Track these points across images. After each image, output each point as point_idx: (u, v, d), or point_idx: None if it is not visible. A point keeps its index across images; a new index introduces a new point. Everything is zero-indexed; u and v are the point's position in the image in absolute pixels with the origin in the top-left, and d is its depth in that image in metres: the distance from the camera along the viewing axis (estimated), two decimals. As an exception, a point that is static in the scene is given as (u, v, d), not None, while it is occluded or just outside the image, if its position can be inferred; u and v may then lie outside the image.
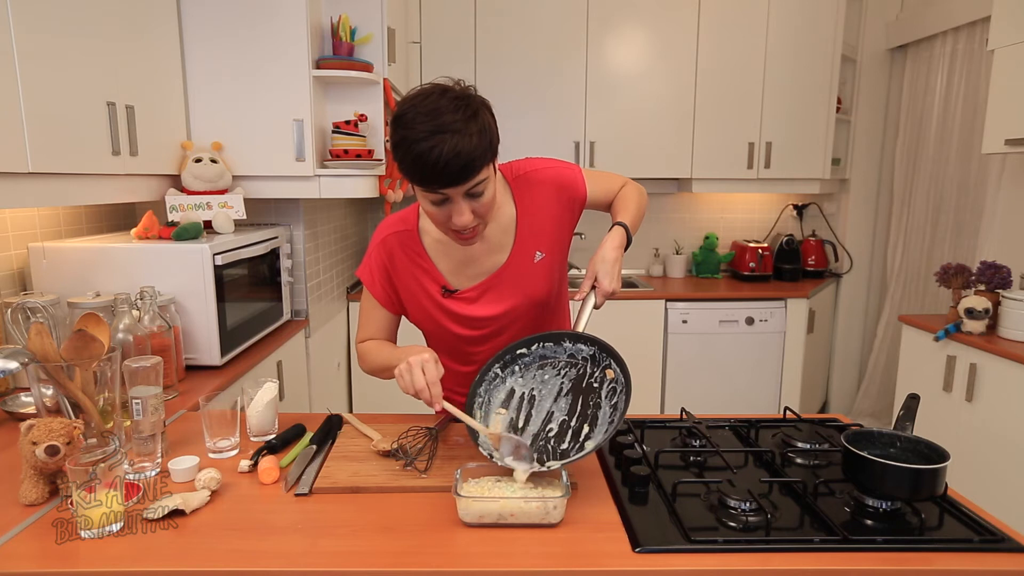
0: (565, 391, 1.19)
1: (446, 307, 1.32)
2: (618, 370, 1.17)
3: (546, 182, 1.32)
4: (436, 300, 1.32)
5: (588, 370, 1.21)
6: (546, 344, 1.23)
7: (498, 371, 1.21)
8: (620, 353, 1.19)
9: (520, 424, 1.16)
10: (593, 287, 1.24)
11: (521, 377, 1.22)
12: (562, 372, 1.22)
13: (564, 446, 1.12)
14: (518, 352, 1.23)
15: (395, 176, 2.52)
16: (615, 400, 1.15)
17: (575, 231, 1.40)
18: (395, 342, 1.39)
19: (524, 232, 1.31)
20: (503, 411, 1.18)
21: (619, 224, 1.29)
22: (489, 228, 1.29)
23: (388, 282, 1.33)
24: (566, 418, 1.16)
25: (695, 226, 3.92)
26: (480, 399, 1.19)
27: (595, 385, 1.19)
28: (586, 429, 1.14)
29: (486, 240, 1.30)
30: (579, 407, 1.17)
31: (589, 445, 1.11)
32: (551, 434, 1.14)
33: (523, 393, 1.20)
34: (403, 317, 1.41)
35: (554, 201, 1.32)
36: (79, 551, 0.92)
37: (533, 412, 1.17)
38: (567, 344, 1.23)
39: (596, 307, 1.23)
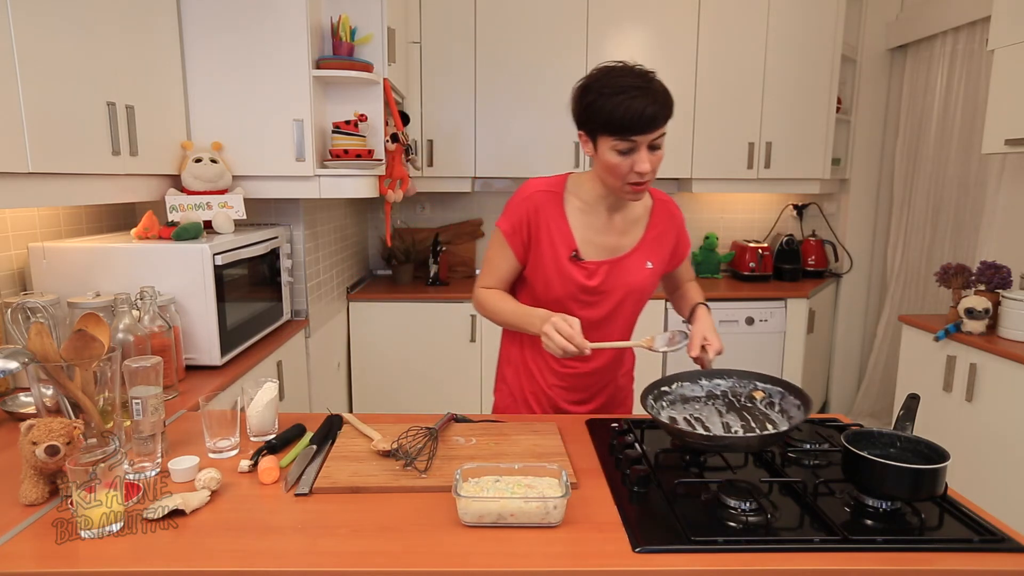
0: (725, 412, 1.29)
1: (567, 270, 1.44)
2: (767, 386, 1.27)
3: (676, 220, 1.55)
4: (561, 262, 1.44)
5: (732, 398, 1.32)
6: (684, 383, 1.35)
7: (652, 402, 1.28)
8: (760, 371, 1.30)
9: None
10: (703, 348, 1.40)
11: (672, 408, 1.30)
12: (708, 403, 1.32)
13: None
14: (662, 388, 1.32)
15: (395, 176, 2.52)
16: (778, 408, 1.25)
17: None
18: (510, 291, 1.54)
19: (648, 239, 1.50)
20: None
21: (703, 304, 1.53)
22: (629, 213, 1.48)
23: (527, 231, 1.44)
24: (744, 422, 1.24)
25: (695, 226, 3.92)
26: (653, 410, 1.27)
27: (749, 405, 1.29)
28: (771, 428, 1.20)
29: (624, 220, 1.47)
30: (749, 418, 1.25)
31: (790, 418, 1.21)
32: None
33: (685, 417, 1.28)
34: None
35: (673, 239, 1.55)
36: (79, 551, 0.92)
37: (708, 426, 1.24)
38: (703, 381, 1.35)
39: (710, 361, 1.40)
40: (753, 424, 1.22)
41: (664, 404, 1.30)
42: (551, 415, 1.53)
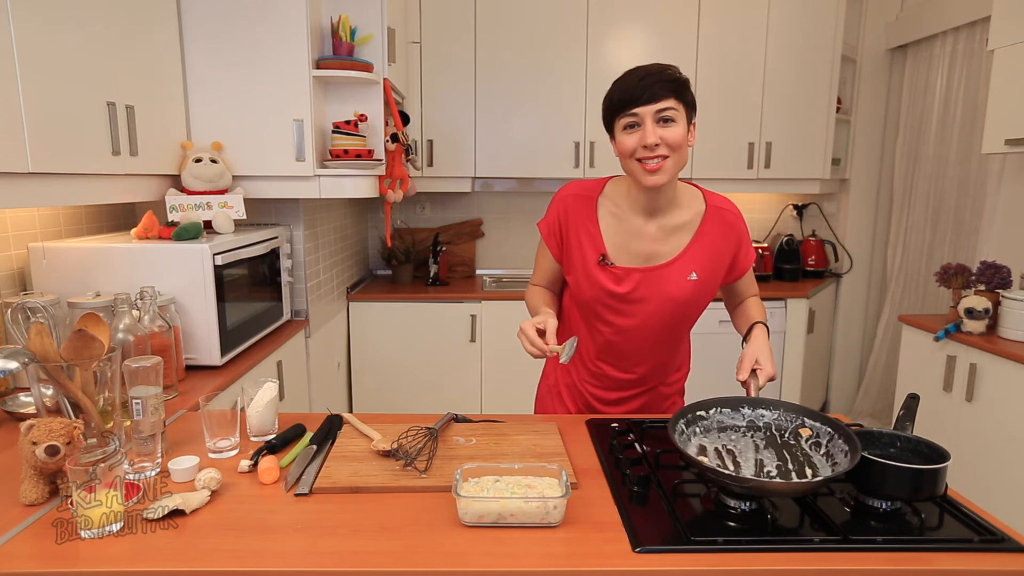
0: (763, 447, 1.17)
1: (594, 274, 1.41)
2: (816, 424, 1.15)
3: (735, 229, 1.44)
4: (589, 266, 1.42)
5: (775, 432, 1.19)
6: (724, 410, 1.23)
7: (683, 427, 1.18)
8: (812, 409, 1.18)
9: (731, 469, 1.10)
10: (753, 372, 1.33)
11: (705, 436, 1.20)
12: (747, 434, 1.20)
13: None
14: (697, 413, 1.21)
15: (395, 176, 2.52)
16: (824, 450, 1.12)
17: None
18: (558, 287, 1.57)
19: (694, 248, 1.40)
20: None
21: (761, 323, 1.44)
22: (668, 220, 1.39)
23: (560, 233, 1.46)
24: (780, 463, 1.12)
25: (695, 226, 3.91)
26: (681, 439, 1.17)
27: (792, 442, 1.17)
28: (810, 472, 1.08)
29: (660, 228, 1.39)
30: (788, 457, 1.13)
31: (837, 470, 1.05)
32: (772, 476, 1.09)
33: (716, 447, 1.17)
34: None
35: (731, 247, 1.44)
36: (79, 551, 0.92)
37: (740, 460, 1.13)
38: (745, 410, 1.22)
39: (759, 388, 1.31)
40: (791, 465, 1.10)
41: (698, 430, 1.19)
42: (566, 415, 1.54)
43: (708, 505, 1.06)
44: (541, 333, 1.29)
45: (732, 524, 1.00)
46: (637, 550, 0.93)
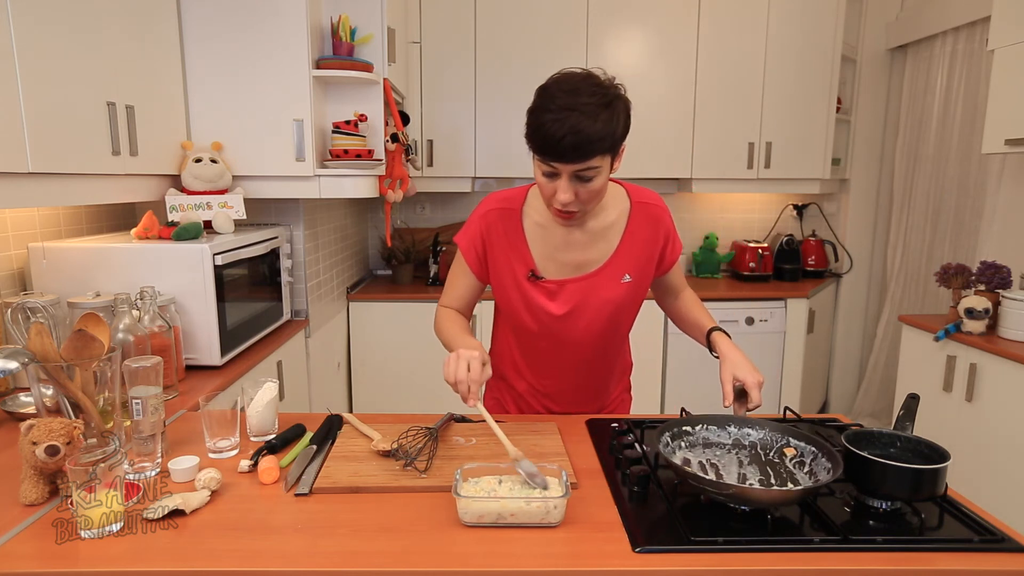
0: (747, 463, 1.16)
1: (526, 291, 1.37)
2: (800, 444, 1.14)
3: (662, 224, 1.40)
4: (520, 282, 1.37)
5: (760, 451, 1.19)
6: (710, 427, 1.22)
7: (668, 440, 1.17)
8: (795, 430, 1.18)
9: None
10: (736, 387, 1.27)
11: (690, 451, 1.19)
12: (732, 451, 1.19)
13: None
14: (683, 428, 1.21)
15: (395, 176, 2.52)
16: (808, 468, 1.11)
17: None
18: (471, 311, 1.47)
19: (624, 250, 1.37)
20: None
21: (717, 329, 1.39)
22: (595, 224, 1.35)
23: (483, 250, 1.39)
24: (763, 478, 1.11)
25: (695, 226, 3.92)
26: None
27: (776, 460, 1.16)
28: (790, 486, 1.08)
29: (587, 233, 1.35)
30: (771, 472, 1.13)
31: (816, 480, 1.06)
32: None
33: (700, 461, 1.16)
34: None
35: (659, 242, 1.40)
36: (79, 551, 0.92)
37: (724, 474, 1.13)
38: (732, 428, 1.22)
39: (756, 406, 1.25)
40: (773, 480, 1.10)
41: (683, 444, 1.19)
42: (547, 415, 1.54)
43: (708, 505, 1.06)
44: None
45: (732, 524, 1.00)
46: (637, 550, 0.93)
